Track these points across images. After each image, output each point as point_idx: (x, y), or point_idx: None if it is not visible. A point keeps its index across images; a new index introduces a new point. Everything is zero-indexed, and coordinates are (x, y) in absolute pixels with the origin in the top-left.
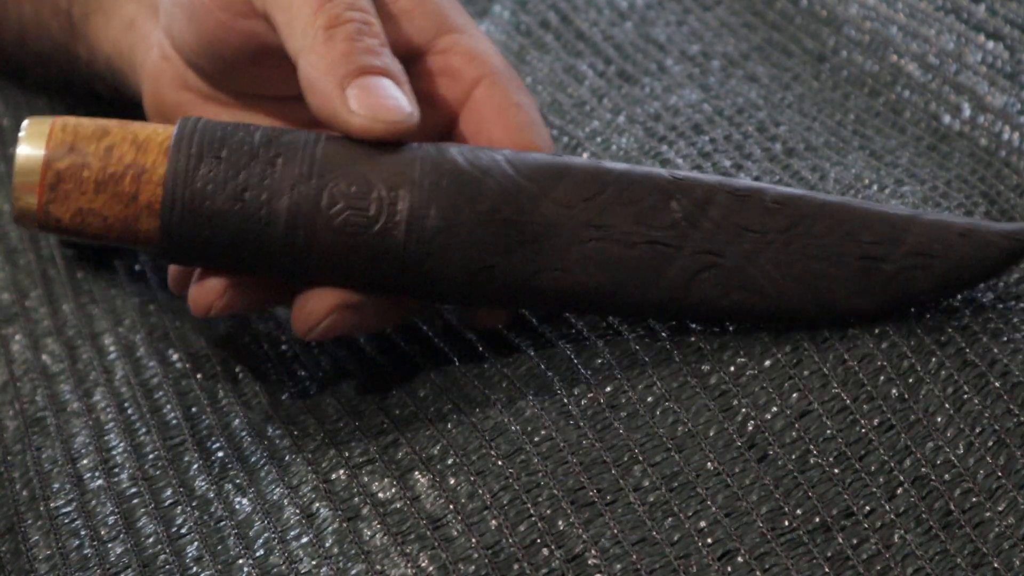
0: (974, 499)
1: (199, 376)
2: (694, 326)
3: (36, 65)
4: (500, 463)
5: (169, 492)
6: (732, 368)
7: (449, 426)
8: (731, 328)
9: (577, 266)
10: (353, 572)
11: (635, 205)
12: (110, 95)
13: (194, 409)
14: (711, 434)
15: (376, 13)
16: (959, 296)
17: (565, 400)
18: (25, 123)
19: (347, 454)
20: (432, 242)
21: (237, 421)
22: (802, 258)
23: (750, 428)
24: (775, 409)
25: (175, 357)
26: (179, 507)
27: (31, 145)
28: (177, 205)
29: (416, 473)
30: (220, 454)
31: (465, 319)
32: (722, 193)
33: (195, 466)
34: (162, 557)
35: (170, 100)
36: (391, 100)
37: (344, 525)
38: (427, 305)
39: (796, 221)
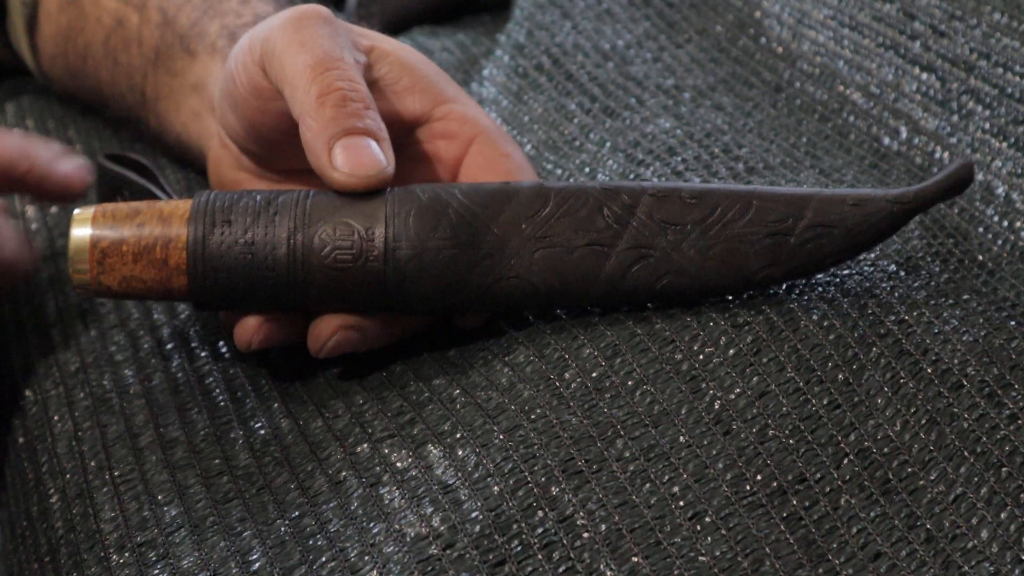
0: (909, 469)
1: (244, 365)
2: (664, 321)
3: (111, 124)
4: (501, 437)
5: (217, 463)
6: (701, 356)
7: (458, 406)
8: (698, 321)
9: (529, 272)
10: (375, 531)
11: (572, 216)
12: (176, 159)
13: (239, 393)
14: (683, 412)
15: (363, 79)
16: (890, 285)
17: (557, 384)
18: (75, 212)
19: (370, 430)
20: (406, 268)
21: (276, 404)
22: (718, 241)
23: (716, 407)
24: (738, 390)
25: (224, 348)
26: (225, 476)
27: (80, 230)
28: (199, 265)
29: (429, 446)
30: (262, 432)
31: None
32: (645, 196)
33: (240, 442)
34: (211, 519)
35: (229, 179)
36: (368, 157)
37: (367, 491)
38: (421, 322)
39: (710, 211)
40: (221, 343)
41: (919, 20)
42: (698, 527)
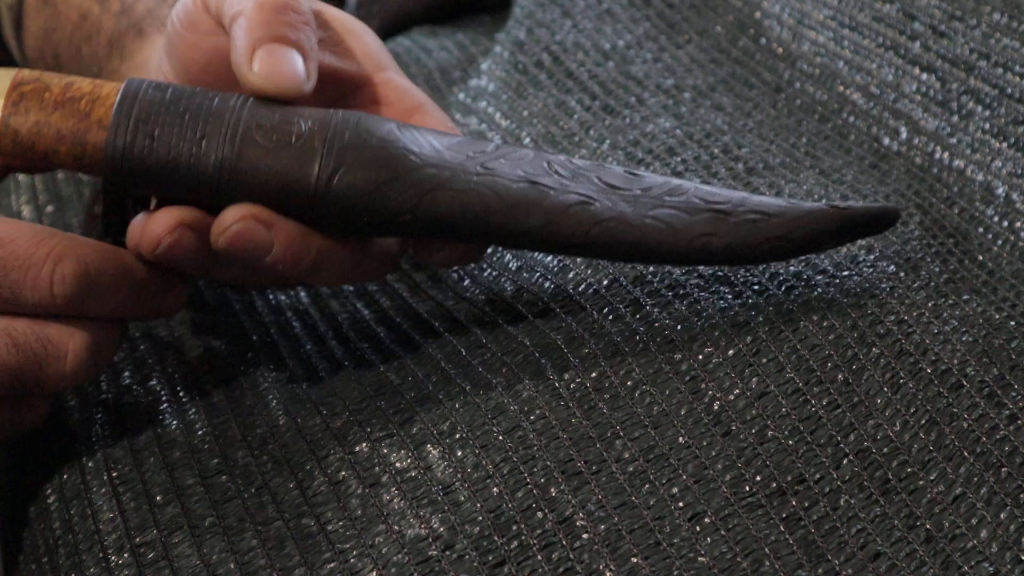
0: (909, 469)
1: (241, 364)
2: (664, 320)
3: None
4: (501, 438)
5: (215, 463)
6: (700, 356)
7: (457, 405)
8: (698, 320)
9: (468, 187)
10: (374, 532)
11: (517, 160)
12: None
13: (237, 392)
14: (682, 413)
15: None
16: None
17: (556, 384)
18: None
19: (369, 429)
20: (343, 157)
21: (275, 403)
22: (661, 205)
23: (716, 407)
24: (737, 391)
25: (221, 348)
26: (224, 475)
27: (5, 70)
28: (125, 118)
29: (429, 446)
30: (259, 430)
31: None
32: (591, 167)
33: (238, 440)
34: (210, 519)
35: None
36: (289, 67)
37: (366, 491)
38: (336, 257)
39: (651, 188)
40: (218, 343)
41: (919, 20)
42: (697, 528)
